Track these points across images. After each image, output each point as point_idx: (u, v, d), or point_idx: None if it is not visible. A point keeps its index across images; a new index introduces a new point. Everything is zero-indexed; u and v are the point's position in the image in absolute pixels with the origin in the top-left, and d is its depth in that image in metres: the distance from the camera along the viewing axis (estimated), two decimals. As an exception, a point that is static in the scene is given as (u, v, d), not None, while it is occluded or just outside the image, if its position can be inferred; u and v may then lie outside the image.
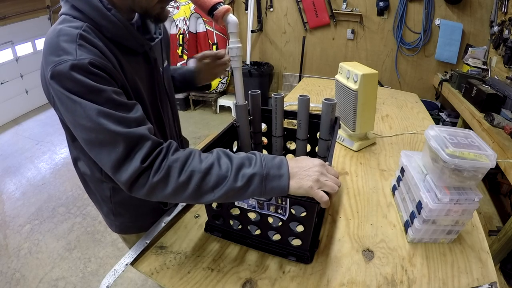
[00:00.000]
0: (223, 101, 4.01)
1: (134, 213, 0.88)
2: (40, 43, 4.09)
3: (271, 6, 3.57)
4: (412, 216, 0.81)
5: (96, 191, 0.84)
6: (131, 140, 0.54)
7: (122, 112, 0.56)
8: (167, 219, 0.87)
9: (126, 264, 0.73)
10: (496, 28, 2.60)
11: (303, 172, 0.57)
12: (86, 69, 0.53)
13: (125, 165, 0.54)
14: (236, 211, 0.76)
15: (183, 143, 1.03)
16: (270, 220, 0.74)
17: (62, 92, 0.53)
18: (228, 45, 0.78)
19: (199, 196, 0.56)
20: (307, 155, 1.03)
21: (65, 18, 0.58)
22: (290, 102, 1.71)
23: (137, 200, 0.84)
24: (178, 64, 4.00)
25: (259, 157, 0.58)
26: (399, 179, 0.95)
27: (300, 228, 0.71)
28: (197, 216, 0.91)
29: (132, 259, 0.74)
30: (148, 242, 0.79)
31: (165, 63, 0.85)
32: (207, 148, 0.80)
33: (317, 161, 0.61)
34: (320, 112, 0.89)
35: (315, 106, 1.62)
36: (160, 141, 0.58)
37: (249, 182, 0.55)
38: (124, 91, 0.61)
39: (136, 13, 0.70)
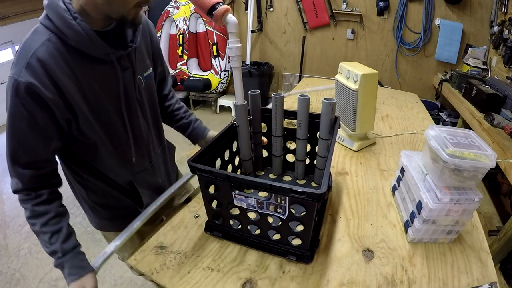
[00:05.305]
0: (223, 101, 4.01)
1: (110, 214, 0.92)
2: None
3: (271, 6, 3.57)
4: (412, 216, 0.81)
5: (76, 190, 0.89)
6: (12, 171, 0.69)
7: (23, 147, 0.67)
8: (137, 224, 0.83)
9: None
10: (496, 28, 2.59)
11: None
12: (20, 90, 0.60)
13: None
14: (236, 211, 0.76)
15: (165, 149, 1.03)
16: (270, 219, 0.74)
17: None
18: (228, 45, 0.79)
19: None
20: (307, 155, 1.03)
21: (36, 28, 0.63)
22: (297, 90, 1.63)
23: (111, 202, 0.89)
24: (178, 64, 4.00)
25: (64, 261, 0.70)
26: (399, 179, 0.95)
27: (300, 228, 0.71)
28: (197, 216, 0.91)
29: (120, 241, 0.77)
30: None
31: (149, 71, 0.84)
32: (207, 148, 0.80)
33: None
34: (320, 112, 0.89)
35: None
36: (31, 188, 0.71)
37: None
38: (68, 108, 0.67)
39: (115, 21, 0.69)
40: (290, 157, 1.09)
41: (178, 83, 3.99)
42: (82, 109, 0.68)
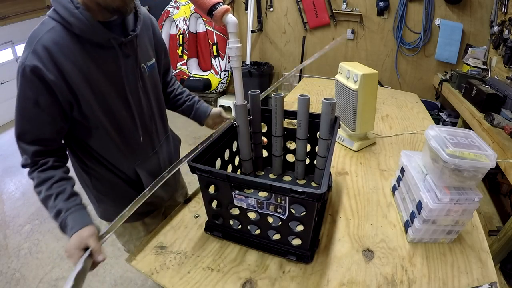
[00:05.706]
0: (223, 101, 4.01)
1: (114, 202, 0.93)
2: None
3: (271, 6, 3.56)
4: (412, 216, 0.81)
5: (81, 179, 0.91)
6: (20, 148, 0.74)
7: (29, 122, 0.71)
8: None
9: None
10: (496, 28, 2.59)
11: (69, 249, 0.67)
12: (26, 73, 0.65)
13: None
14: (236, 211, 0.76)
15: (169, 139, 1.04)
16: (270, 219, 0.74)
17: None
18: (228, 45, 0.79)
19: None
20: (307, 155, 1.03)
21: (43, 20, 0.69)
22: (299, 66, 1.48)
23: (115, 192, 0.90)
24: (178, 64, 4.00)
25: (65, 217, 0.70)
26: (399, 179, 0.95)
27: (300, 228, 0.71)
28: (197, 216, 0.91)
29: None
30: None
31: (152, 61, 0.87)
32: (207, 148, 0.80)
33: (72, 248, 0.66)
34: (320, 112, 0.89)
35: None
36: (37, 159, 0.74)
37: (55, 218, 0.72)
38: (70, 91, 0.70)
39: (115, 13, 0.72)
40: (290, 157, 1.09)
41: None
42: (83, 93, 0.72)
